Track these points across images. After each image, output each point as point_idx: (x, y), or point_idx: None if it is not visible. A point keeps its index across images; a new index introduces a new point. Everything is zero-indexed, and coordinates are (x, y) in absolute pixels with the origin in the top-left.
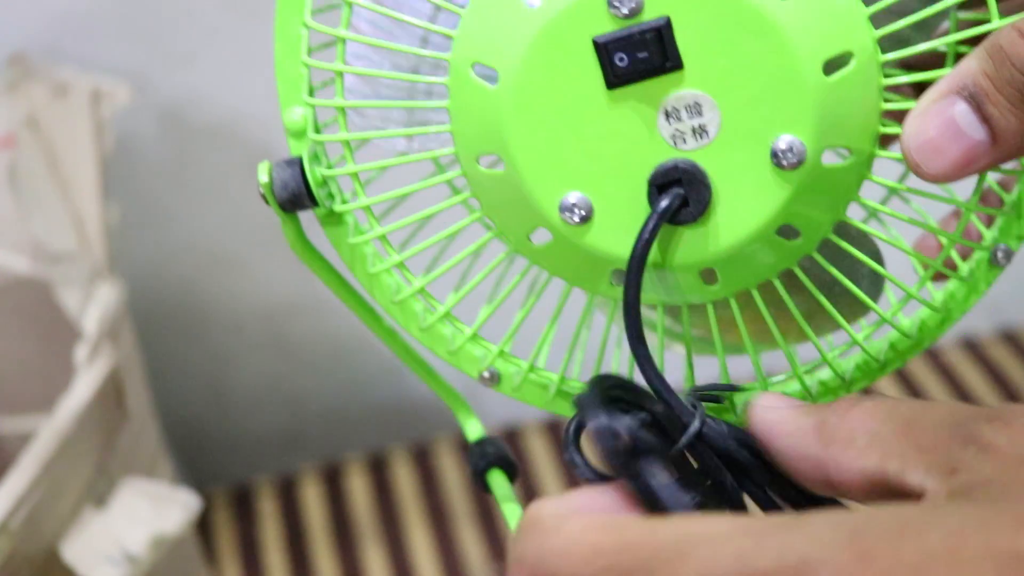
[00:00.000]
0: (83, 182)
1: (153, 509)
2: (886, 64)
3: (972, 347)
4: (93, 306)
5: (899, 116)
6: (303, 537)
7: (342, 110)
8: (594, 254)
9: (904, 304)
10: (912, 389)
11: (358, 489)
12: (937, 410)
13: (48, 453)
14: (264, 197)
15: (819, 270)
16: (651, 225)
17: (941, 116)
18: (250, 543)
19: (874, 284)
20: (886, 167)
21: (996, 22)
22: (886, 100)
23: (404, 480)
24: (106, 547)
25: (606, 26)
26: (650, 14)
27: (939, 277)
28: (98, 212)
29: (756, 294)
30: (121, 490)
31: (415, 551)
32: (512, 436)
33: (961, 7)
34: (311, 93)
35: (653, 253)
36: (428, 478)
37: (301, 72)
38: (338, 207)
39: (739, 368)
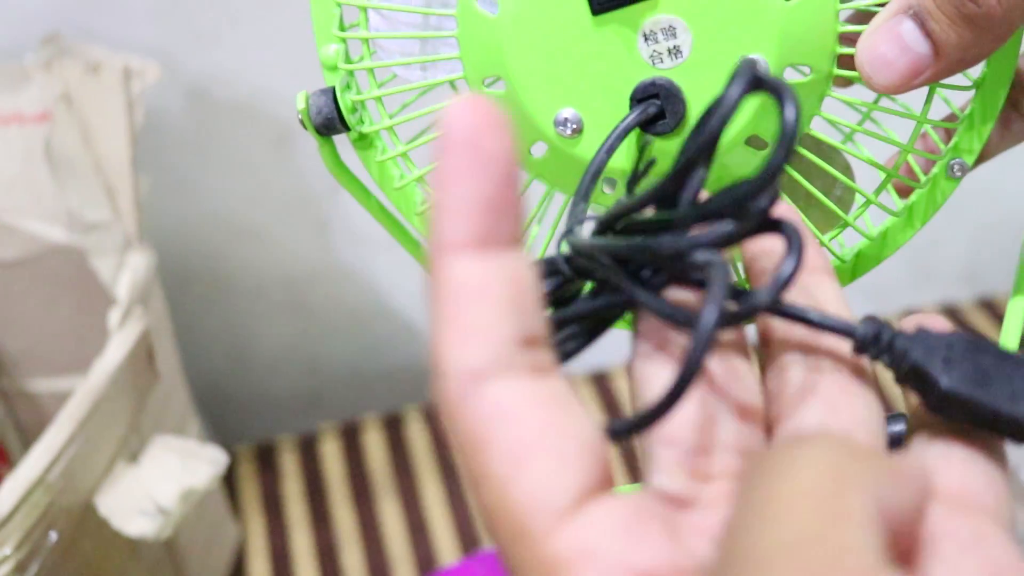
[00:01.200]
0: (115, 155)
1: (182, 465)
2: None
3: (953, 313)
4: (125, 273)
5: (855, 39)
6: (323, 491)
7: (366, 41)
8: (586, 163)
9: (865, 208)
10: None
11: (374, 446)
12: None
13: (83, 411)
14: (302, 122)
15: (795, 182)
16: (623, 125)
17: (890, 33)
18: (273, 496)
19: (846, 196)
20: (862, 92)
21: None
22: (843, 23)
23: (418, 438)
24: (139, 500)
25: None
26: None
27: (906, 193)
28: (129, 184)
29: None
30: (152, 447)
31: (428, 504)
32: None
33: None
34: (341, 26)
35: (639, 163)
36: (440, 436)
37: (333, 12)
38: (365, 128)
39: None
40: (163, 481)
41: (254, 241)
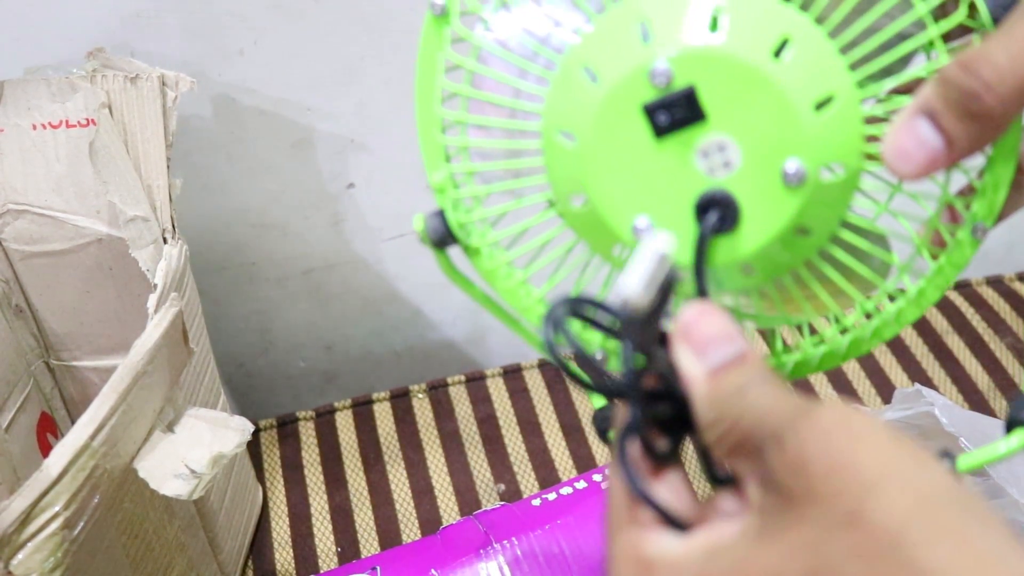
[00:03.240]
0: (152, 157)
1: (213, 433)
2: (870, 97)
3: None
4: (162, 262)
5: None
6: (338, 458)
7: (470, 173)
8: None
9: (903, 273)
10: None
11: (384, 419)
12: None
13: (125, 385)
14: (421, 240)
15: (839, 261)
16: (704, 239)
17: (909, 131)
18: (293, 463)
19: (883, 266)
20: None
21: (944, 57)
22: (869, 123)
23: (422, 412)
24: (174, 464)
25: (649, 94)
26: (680, 83)
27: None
28: (165, 183)
29: (788, 280)
30: (186, 417)
31: (431, 470)
32: (513, 372)
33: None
34: (447, 159)
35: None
36: (442, 410)
37: (439, 145)
38: (472, 243)
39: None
40: (195, 447)
41: (276, 234)
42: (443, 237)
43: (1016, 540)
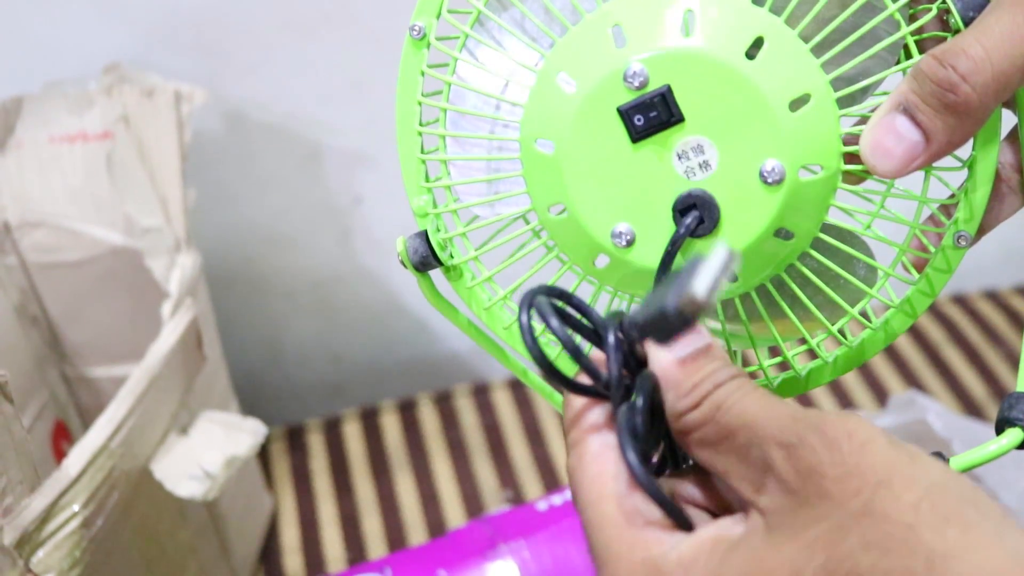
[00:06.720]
0: (166, 170)
1: (226, 435)
2: (847, 96)
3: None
4: (175, 270)
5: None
6: (346, 466)
7: (449, 188)
8: (641, 268)
9: (884, 282)
10: None
11: (390, 427)
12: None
13: (141, 388)
14: (402, 263)
15: (822, 267)
16: (678, 240)
17: (886, 127)
18: (302, 472)
19: (870, 274)
20: (874, 183)
21: (917, 56)
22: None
23: (429, 420)
24: (188, 466)
25: (624, 97)
26: (655, 84)
27: (921, 268)
28: (179, 194)
29: (774, 291)
30: (200, 420)
31: (437, 477)
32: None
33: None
34: (427, 179)
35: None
36: (449, 419)
37: (420, 168)
38: (455, 261)
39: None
40: (209, 449)
41: (285, 247)
42: (425, 258)
43: (1009, 520)
